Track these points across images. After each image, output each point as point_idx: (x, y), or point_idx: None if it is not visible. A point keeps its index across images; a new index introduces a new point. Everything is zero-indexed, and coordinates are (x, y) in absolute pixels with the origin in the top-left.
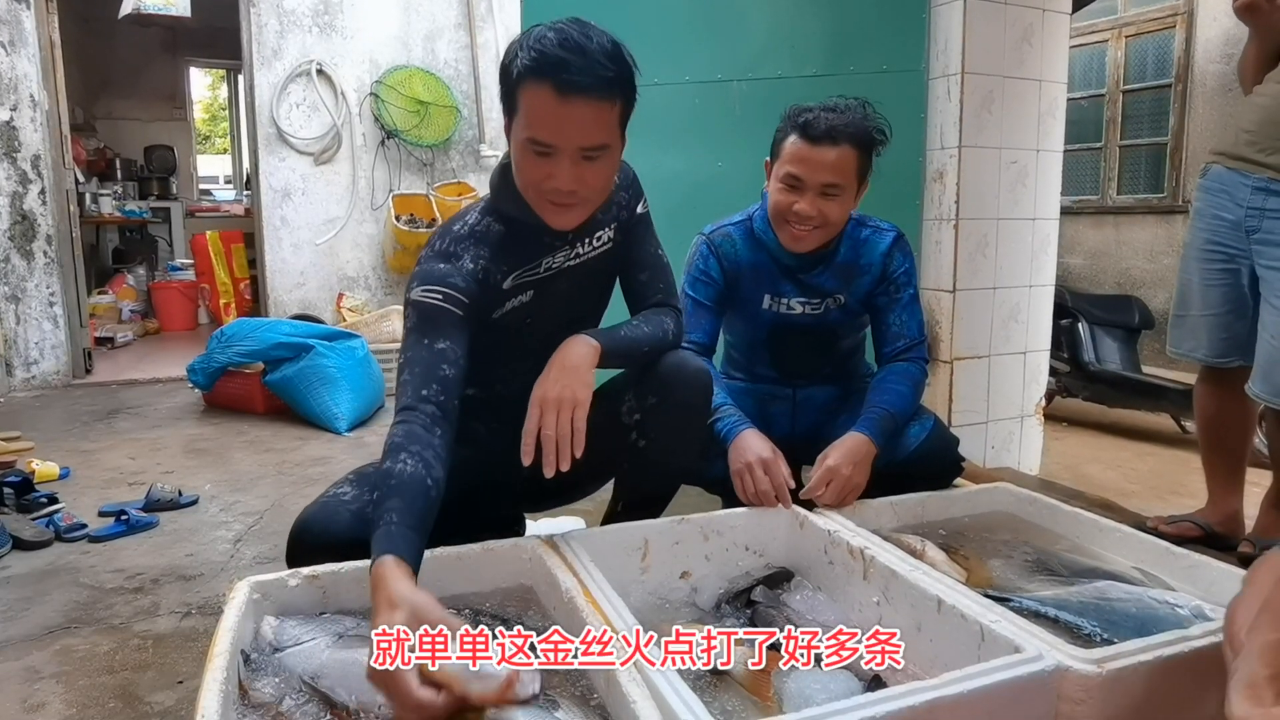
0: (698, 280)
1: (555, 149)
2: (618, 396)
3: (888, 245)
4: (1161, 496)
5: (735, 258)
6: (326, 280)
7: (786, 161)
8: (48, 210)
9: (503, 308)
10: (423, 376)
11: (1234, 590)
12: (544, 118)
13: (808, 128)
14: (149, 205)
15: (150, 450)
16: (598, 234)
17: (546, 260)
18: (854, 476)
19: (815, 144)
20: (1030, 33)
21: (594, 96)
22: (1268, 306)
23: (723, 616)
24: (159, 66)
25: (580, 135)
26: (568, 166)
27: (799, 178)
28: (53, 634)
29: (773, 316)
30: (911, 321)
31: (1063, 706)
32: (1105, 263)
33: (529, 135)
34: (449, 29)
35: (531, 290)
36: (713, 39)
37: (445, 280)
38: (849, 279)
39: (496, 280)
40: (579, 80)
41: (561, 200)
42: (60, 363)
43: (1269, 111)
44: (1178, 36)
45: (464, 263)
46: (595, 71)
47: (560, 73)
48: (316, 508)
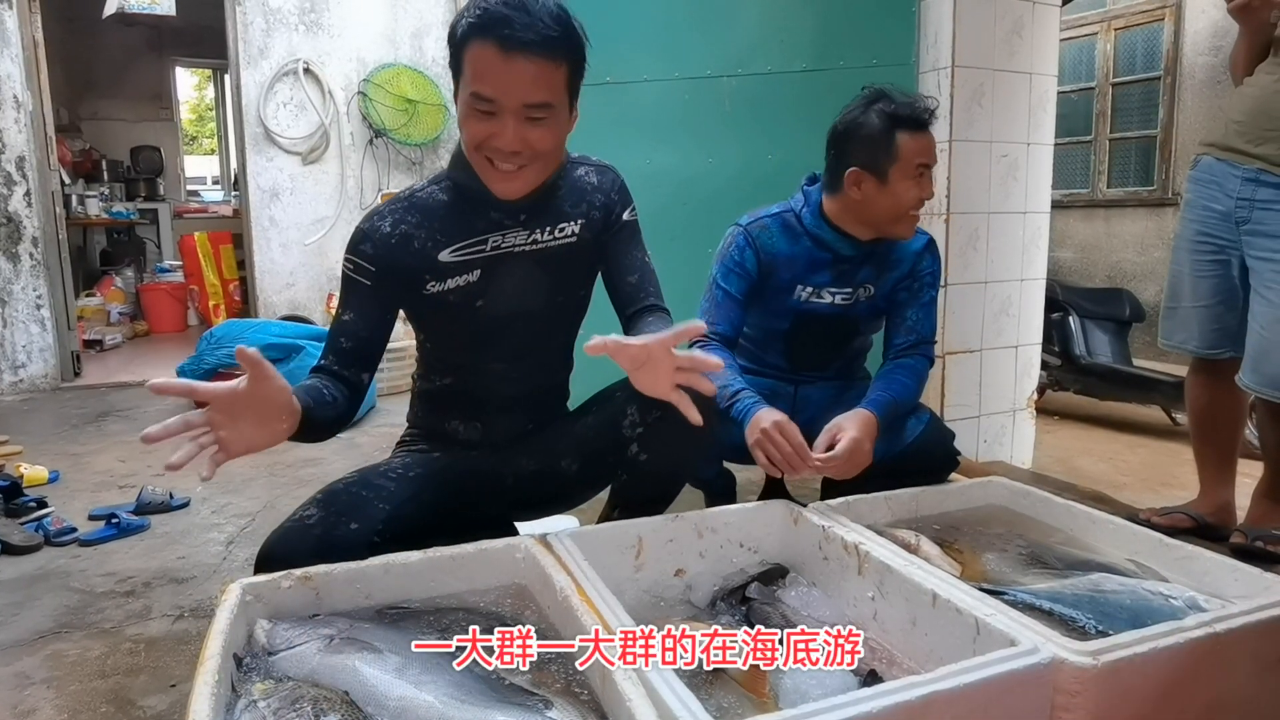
0: (731, 272)
1: (498, 105)
2: (620, 408)
3: (921, 246)
4: (1153, 488)
5: (772, 249)
6: (316, 280)
7: (914, 155)
8: (33, 212)
9: (443, 283)
10: (327, 346)
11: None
12: (486, 73)
13: (917, 119)
14: (136, 207)
15: (140, 453)
16: (561, 224)
17: (494, 238)
18: (869, 454)
19: (925, 132)
20: (1020, 25)
21: (537, 53)
22: (1258, 297)
23: (718, 614)
24: (144, 66)
25: (523, 91)
26: (511, 125)
27: (927, 164)
28: (43, 639)
29: (799, 306)
30: (927, 320)
31: (1058, 699)
32: (1096, 256)
33: (472, 90)
34: (436, 26)
35: (479, 270)
36: (703, 35)
37: (357, 248)
38: (881, 271)
39: (428, 248)
40: (521, 35)
41: (505, 161)
42: (48, 366)
43: (1258, 102)
44: (1166, 29)
45: (382, 226)
46: (538, 29)
47: (502, 28)
48: (280, 535)
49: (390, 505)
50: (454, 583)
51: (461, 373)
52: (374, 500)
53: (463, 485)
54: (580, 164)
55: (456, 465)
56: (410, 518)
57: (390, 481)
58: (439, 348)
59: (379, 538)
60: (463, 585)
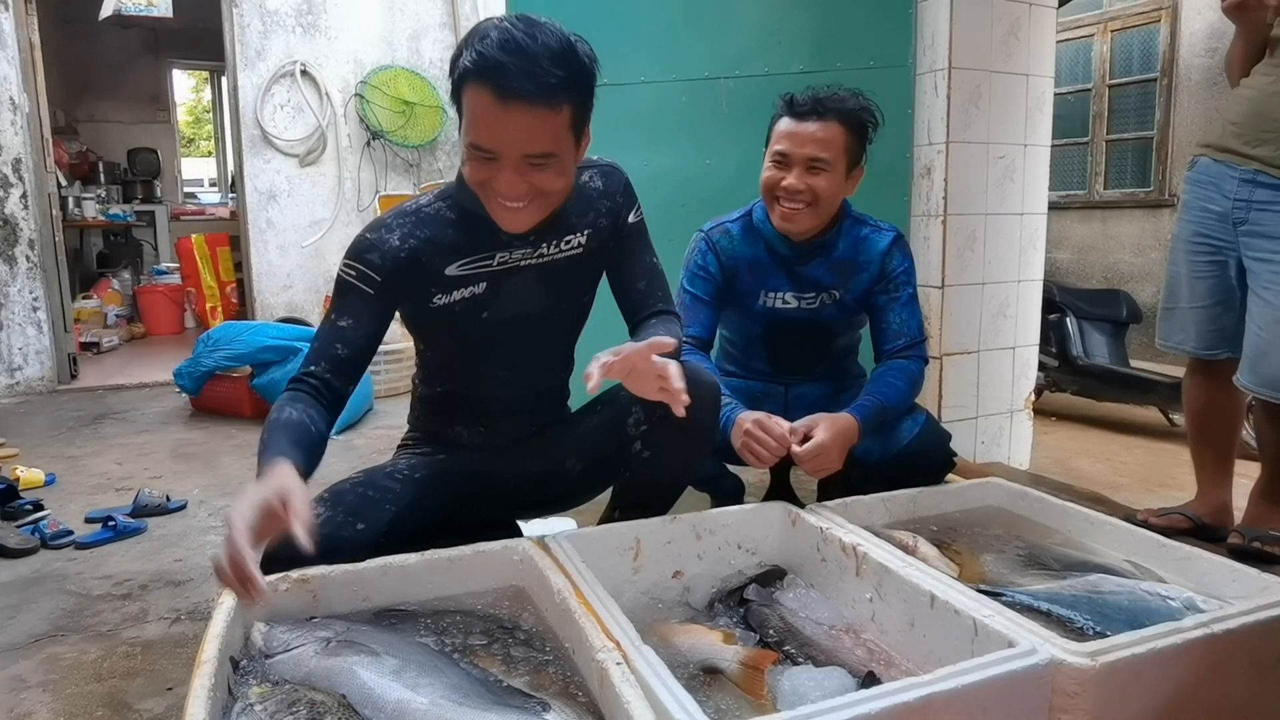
0: (696, 276)
1: (497, 155)
2: (625, 407)
3: (887, 244)
4: (1150, 489)
5: (733, 253)
6: (313, 283)
7: (775, 141)
8: (30, 214)
9: (449, 295)
10: (318, 351)
11: (1225, 582)
12: (483, 123)
13: (793, 104)
14: (133, 209)
15: (137, 455)
16: (567, 237)
17: (501, 254)
18: (838, 456)
19: (801, 119)
20: (1017, 27)
21: (535, 103)
22: (1255, 298)
23: (716, 616)
24: (141, 68)
25: (522, 143)
26: (510, 173)
27: (785, 153)
28: (39, 642)
29: (768, 312)
30: (912, 320)
31: (1057, 700)
32: (1093, 257)
33: (470, 139)
34: (433, 28)
35: (484, 282)
36: (699, 36)
37: (362, 256)
38: (846, 276)
39: (434, 263)
40: (518, 86)
41: (510, 200)
42: (45, 368)
43: (1255, 104)
44: (1163, 30)
45: (391, 239)
46: (536, 77)
47: (498, 77)
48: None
49: (396, 506)
50: (452, 585)
51: (464, 380)
52: (380, 501)
53: (467, 487)
54: (585, 168)
55: (461, 467)
56: (416, 519)
57: (396, 483)
58: (441, 355)
59: (384, 539)
60: (460, 588)
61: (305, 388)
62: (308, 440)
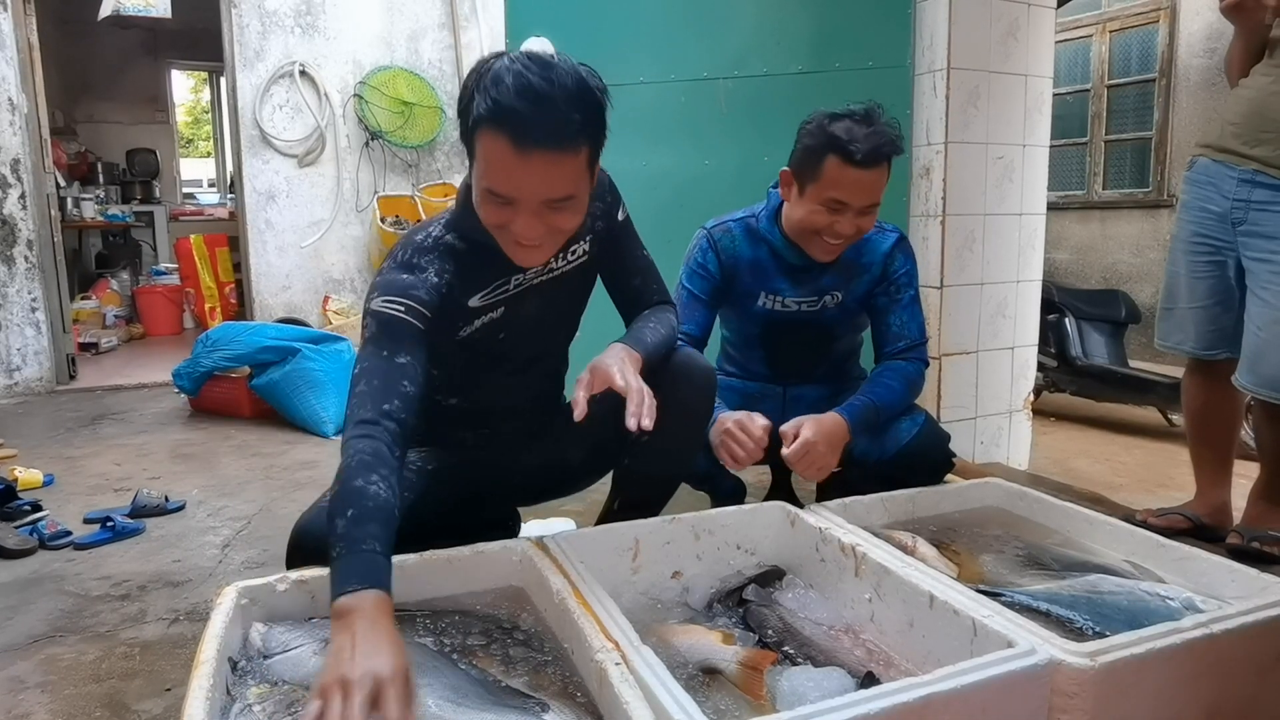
0: (695, 273)
1: (515, 201)
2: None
3: (890, 246)
4: (1149, 489)
5: (734, 253)
6: (312, 283)
7: (829, 186)
8: (28, 215)
9: (471, 325)
10: (383, 390)
11: (1224, 582)
12: (499, 170)
13: (851, 151)
14: (132, 209)
15: (136, 456)
16: (572, 249)
17: (516, 277)
18: (828, 455)
19: (861, 168)
20: (1016, 27)
21: (556, 149)
22: (1254, 298)
23: (715, 616)
24: (140, 68)
25: (542, 189)
26: (528, 217)
27: (844, 202)
28: (37, 643)
29: (767, 313)
30: (912, 322)
31: (1056, 700)
32: (1092, 257)
33: (487, 185)
34: (432, 29)
35: (502, 307)
36: (698, 37)
37: (408, 292)
38: (849, 278)
39: (460, 298)
40: (537, 135)
41: (526, 240)
42: (43, 369)
43: (1254, 104)
44: (1161, 31)
45: (428, 275)
46: (556, 121)
47: (516, 126)
48: (314, 513)
49: (412, 495)
50: (450, 585)
51: (469, 392)
52: None
53: (472, 478)
54: None
55: (467, 460)
56: (426, 509)
57: (410, 473)
58: (449, 373)
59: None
60: (459, 588)
61: (386, 435)
62: (394, 535)
